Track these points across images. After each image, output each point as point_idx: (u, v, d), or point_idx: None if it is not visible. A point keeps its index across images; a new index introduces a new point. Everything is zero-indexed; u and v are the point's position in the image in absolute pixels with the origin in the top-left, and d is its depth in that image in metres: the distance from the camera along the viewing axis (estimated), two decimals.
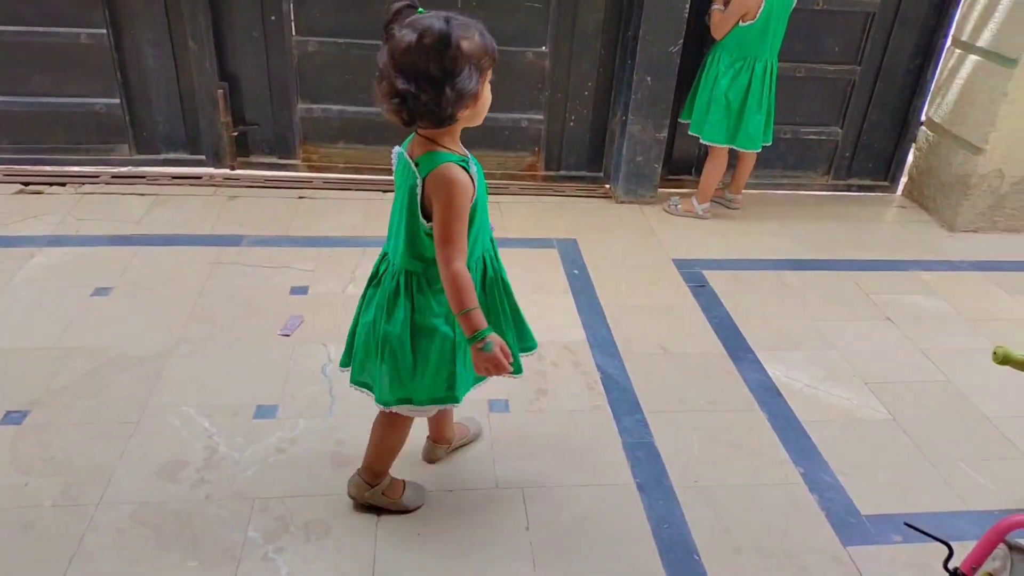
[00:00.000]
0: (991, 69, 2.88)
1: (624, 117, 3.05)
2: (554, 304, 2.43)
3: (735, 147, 2.96)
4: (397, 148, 1.39)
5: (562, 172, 3.33)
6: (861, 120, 3.35)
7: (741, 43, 2.78)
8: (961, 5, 3.07)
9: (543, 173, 3.32)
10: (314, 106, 3.10)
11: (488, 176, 3.22)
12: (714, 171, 3.04)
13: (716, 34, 2.83)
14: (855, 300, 2.58)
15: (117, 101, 2.98)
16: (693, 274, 2.67)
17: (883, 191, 3.50)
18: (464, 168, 1.32)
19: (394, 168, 1.40)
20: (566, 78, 3.12)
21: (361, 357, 1.50)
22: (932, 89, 3.25)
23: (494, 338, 1.35)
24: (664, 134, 3.07)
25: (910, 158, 3.44)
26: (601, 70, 3.12)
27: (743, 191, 3.20)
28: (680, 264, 2.73)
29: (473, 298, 1.33)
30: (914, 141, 3.38)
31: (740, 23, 2.75)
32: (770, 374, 2.17)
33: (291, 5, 2.93)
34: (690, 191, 3.22)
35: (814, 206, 3.31)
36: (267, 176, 3.16)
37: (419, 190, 1.30)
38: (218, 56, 2.95)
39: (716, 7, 2.83)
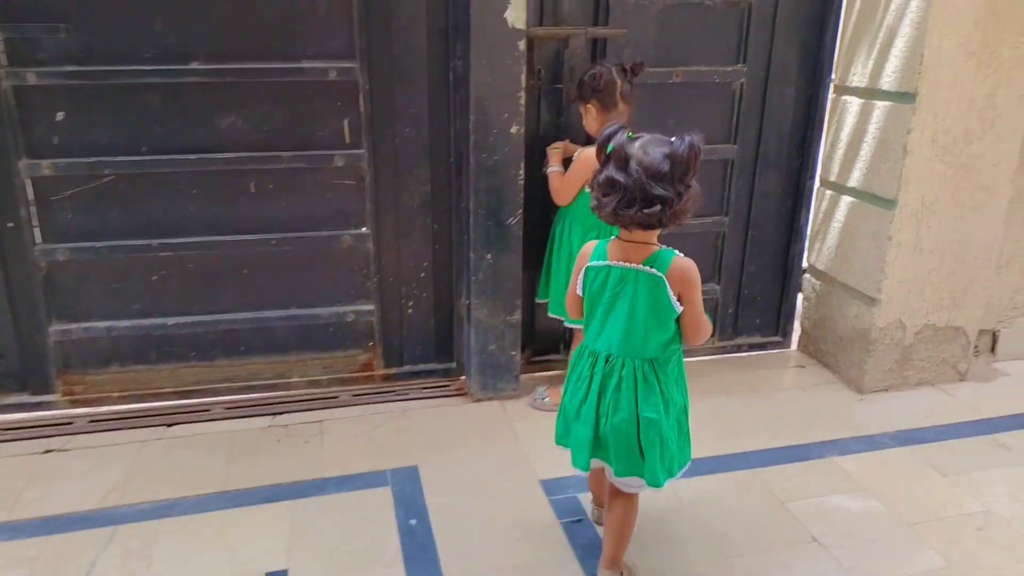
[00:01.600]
0: (869, 211, 2.57)
1: (469, 300, 2.53)
2: None
3: None
4: (595, 264, 1.61)
5: (406, 368, 2.74)
6: (739, 273, 2.97)
7: (590, 212, 2.35)
8: (823, 145, 2.81)
9: (382, 372, 2.72)
10: (73, 326, 2.43)
11: (313, 384, 2.66)
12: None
13: (558, 200, 2.40)
14: (771, 516, 2.03)
15: None
16: (566, 502, 2.07)
17: (776, 347, 3.09)
18: None
19: (599, 281, 1.61)
20: (396, 260, 2.60)
21: (624, 452, 1.59)
22: (808, 234, 2.94)
23: None
24: (517, 316, 2.56)
25: (799, 308, 3.07)
26: (437, 247, 2.62)
27: None
28: (550, 487, 2.13)
29: None
30: (799, 291, 3.03)
31: (586, 188, 2.33)
32: None
33: (32, 208, 2.31)
34: (560, 373, 2.69)
35: (703, 375, 2.84)
36: (10, 422, 2.40)
37: (666, 285, 1.54)
38: None
39: (552, 168, 2.41)
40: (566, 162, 2.41)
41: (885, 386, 2.71)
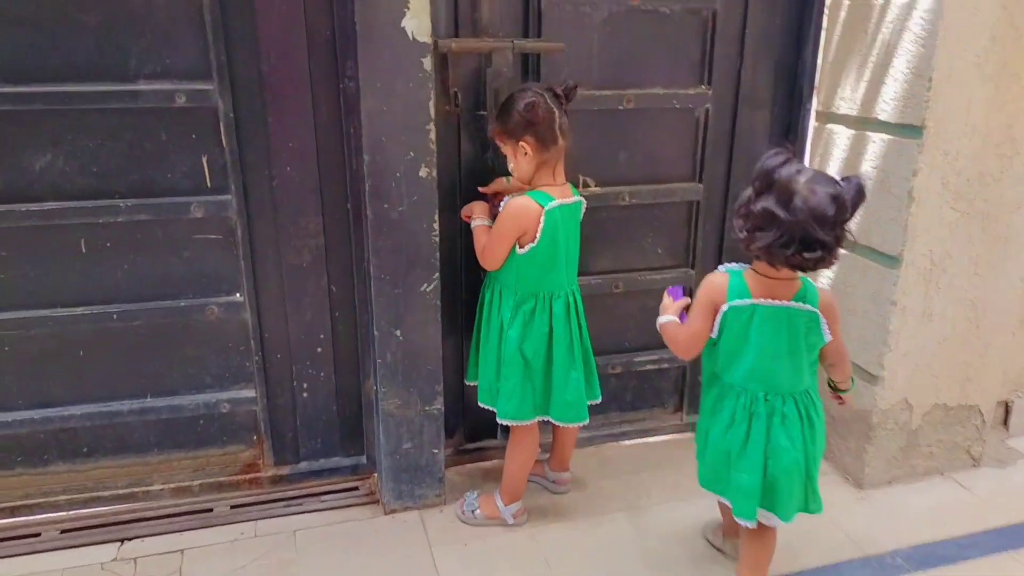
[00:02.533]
0: (867, 268, 2.10)
1: (376, 388, 1.99)
2: None
3: (549, 420, 1.96)
4: (738, 303, 1.52)
5: (302, 466, 2.18)
6: None
7: (525, 277, 1.85)
8: None
9: (272, 473, 2.16)
10: None
11: (183, 492, 2.08)
12: (521, 457, 2.00)
13: (486, 262, 1.88)
14: None
15: None
16: None
17: None
18: None
19: (742, 320, 1.53)
20: (283, 333, 2.05)
21: (794, 493, 1.60)
22: None
23: None
24: (438, 405, 2.02)
25: None
26: (337, 315, 2.08)
27: (569, 467, 2.19)
28: None
29: None
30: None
31: (517, 250, 1.83)
32: None
33: None
34: (497, 464, 2.16)
35: (672, 464, 2.33)
36: None
37: (820, 320, 1.53)
38: None
39: (477, 222, 1.90)
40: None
41: (889, 479, 2.23)
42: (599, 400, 2.05)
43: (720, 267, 1.60)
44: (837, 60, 2.14)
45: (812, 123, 2.26)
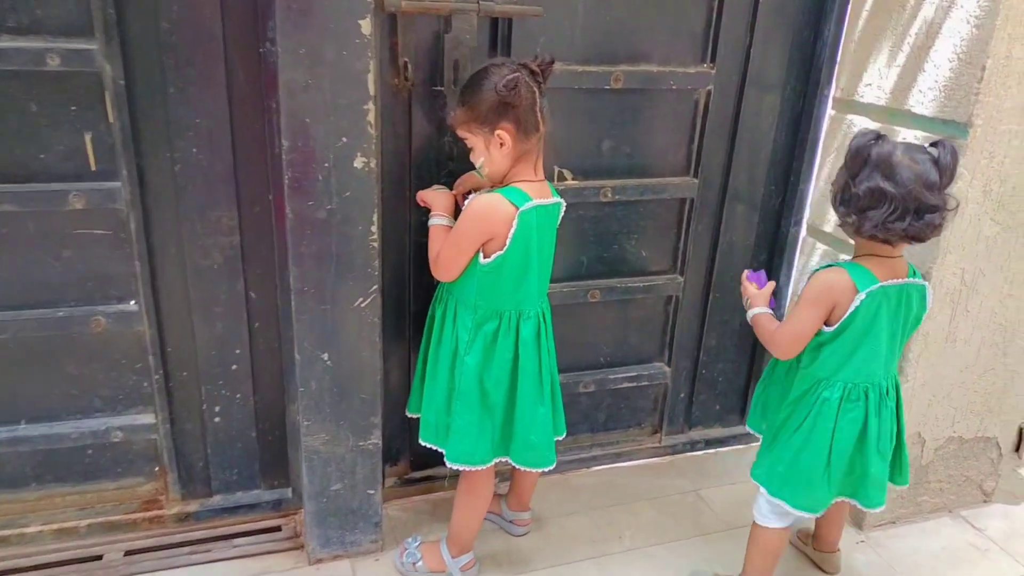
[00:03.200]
0: None
1: (299, 419, 1.65)
2: None
3: (509, 461, 1.64)
4: (871, 289, 1.41)
5: (215, 500, 1.84)
6: (695, 348, 2.18)
7: (489, 292, 1.51)
8: (814, 179, 2.03)
9: (177, 509, 1.81)
10: None
11: (67, 534, 1.74)
12: (473, 504, 1.68)
13: (439, 271, 1.53)
14: None
15: None
16: None
17: (741, 441, 2.32)
18: None
19: (872, 310, 1.42)
20: (190, 348, 1.69)
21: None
22: (789, 298, 2.17)
23: None
24: (375, 440, 1.69)
25: None
26: (257, 326, 1.73)
27: (530, 507, 1.88)
28: None
29: None
30: None
31: (480, 259, 1.48)
32: None
33: None
34: (447, 497, 1.85)
35: (649, 497, 2.04)
36: None
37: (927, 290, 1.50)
38: None
39: (436, 219, 1.55)
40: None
41: (893, 518, 1.97)
42: (563, 436, 1.74)
43: (824, 266, 1.48)
44: (864, 40, 1.80)
45: (829, 111, 1.93)
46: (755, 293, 1.60)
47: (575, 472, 2.14)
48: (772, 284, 1.62)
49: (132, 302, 1.61)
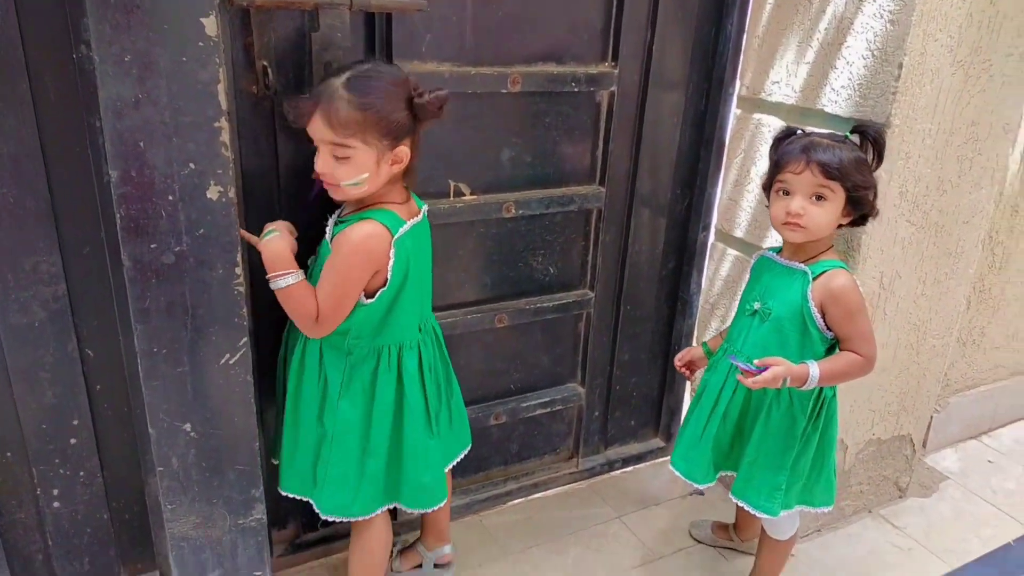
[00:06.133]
0: None
1: (162, 503, 1.36)
2: None
3: (401, 506, 1.44)
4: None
5: None
6: (608, 364, 2.04)
7: (364, 330, 1.31)
8: (721, 181, 1.93)
9: None
10: None
11: None
12: (368, 559, 1.48)
13: (325, 330, 1.28)
14: None
15: None
16: None
17: (658, 455, 2.21)
18: None
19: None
20: (13, 424, 1.36)
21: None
22: (700, 306, 2.07)
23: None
24: (258, 515, 1.43)
25: (688, 398, 2.22)
26: (100, 388, 1.42)
27: (449, 538, 1.69)
28: None
29: None
30: (689, 381, 2.16)
31: (363, 299, 1.26)
32: None
33: None
34: (340, 556, 1.62)
35: (569, 531, 1.89)
36: None
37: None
38: None
39: (289, 279, 1.26)
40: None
41: (818, 527, 1.92)
42: (469, 447, 1.58)
43: (834, 270, 1.38)
44: (770, 35, 1.70)
45: (734, 110, 1.82)
46: (779, 371, 1.32)
47: (490, 511, 1.95)
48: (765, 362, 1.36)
49: None
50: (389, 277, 1.26)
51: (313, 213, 1.39)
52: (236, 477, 1.37)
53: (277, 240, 1.28)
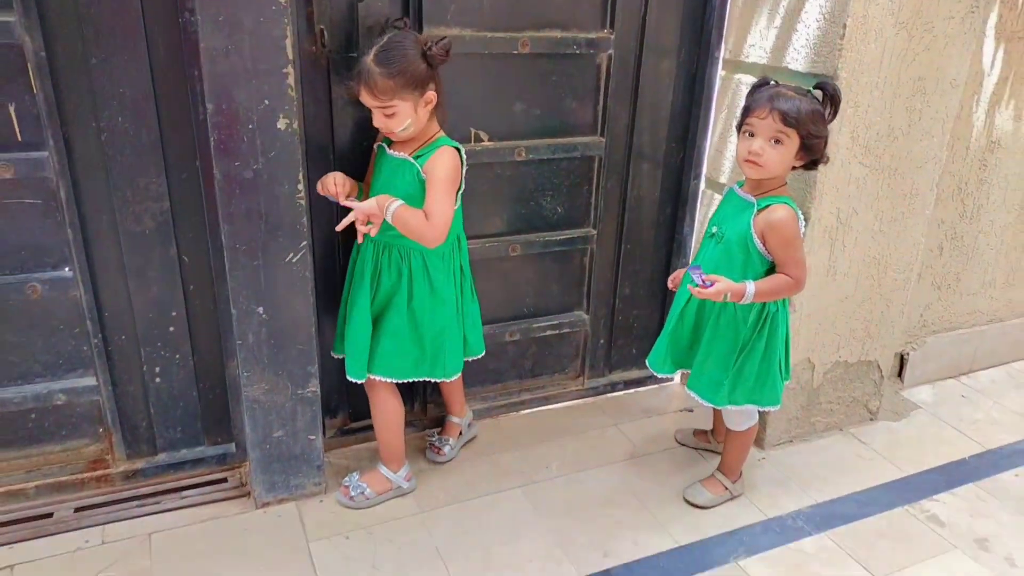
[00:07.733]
0: None
1: (238, 372, 1.75)
2: None
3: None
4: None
5: (160, 458, 1.92)
6: (611, 297, 2.35)
7: (453, 230, 1.76)
8: (710, 136, 2.21)
9: (124, 468, 1.89)
10: None
11: (16, 496, 1.80)
12: (387, 417, 1.85)
13: (439, 237, 1.62)
14: None
15: None
16: None
17: (656, 381, 2.52)
18: None
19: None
20: (127, 312, 1.76)
21: None
22: (693, 247, 2.36)
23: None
24: (313, 387, 1.80)
25: None
26: (192, 288, 1.80)
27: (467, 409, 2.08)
28: None
29: None
30: None
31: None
32: None
33: None
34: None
35: (572, 434, 2.21)
36: None
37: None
38: None
39: (392, 205, 1.61)
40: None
41: (790, 437, 2.20)
42: (482, 353, 1.98)
43: (776, 205, 1.62)
44: (748, 3, 1.98)
45: (720, 72, 2.11)
46: (721, 287, 1.59)
47: (506, 416, 2.29)
48: (711, 278, 1.62)
49: (67, 268, 1.68)
50: (463, 180, 1.69)
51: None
52: (297, 354, 1.75)
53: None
